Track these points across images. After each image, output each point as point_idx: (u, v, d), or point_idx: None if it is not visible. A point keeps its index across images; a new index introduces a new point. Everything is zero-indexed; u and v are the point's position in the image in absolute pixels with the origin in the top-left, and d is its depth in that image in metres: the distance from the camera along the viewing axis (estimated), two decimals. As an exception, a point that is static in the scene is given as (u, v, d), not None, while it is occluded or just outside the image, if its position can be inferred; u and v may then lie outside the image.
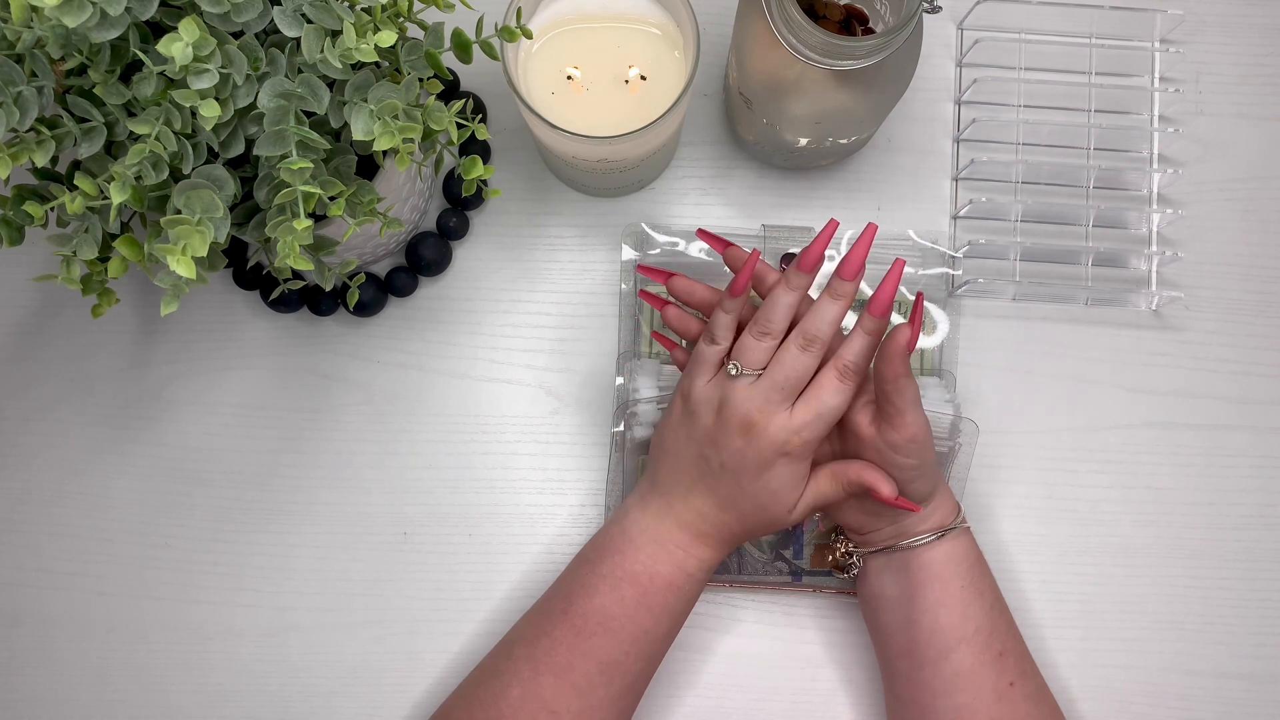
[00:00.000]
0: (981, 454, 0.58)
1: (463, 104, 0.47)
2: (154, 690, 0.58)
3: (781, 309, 0.47)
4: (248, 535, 0.59)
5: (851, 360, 0.47)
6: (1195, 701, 0.58)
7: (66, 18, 0.35)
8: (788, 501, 0.49)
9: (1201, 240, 0.62)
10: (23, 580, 0.59)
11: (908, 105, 0.62)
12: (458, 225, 0.60)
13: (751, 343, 0.47)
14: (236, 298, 0.61)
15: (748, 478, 0.48)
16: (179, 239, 0.39)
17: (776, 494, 0.48)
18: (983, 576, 0.51)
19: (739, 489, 0.48)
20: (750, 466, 0.48)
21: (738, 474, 0.48)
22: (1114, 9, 0.61)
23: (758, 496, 0.48)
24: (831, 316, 0.47)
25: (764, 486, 0.48)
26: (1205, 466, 0.60)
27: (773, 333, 0.47)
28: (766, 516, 0.49)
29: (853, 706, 0.58)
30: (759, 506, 0.49)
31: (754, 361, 0.47)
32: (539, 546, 0.59)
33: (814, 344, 0.47)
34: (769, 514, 0.49)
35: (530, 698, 0.49)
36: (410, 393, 0.60)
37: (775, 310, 0.47)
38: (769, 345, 0.47)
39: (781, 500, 0.48)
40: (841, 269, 0.47)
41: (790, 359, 0.47)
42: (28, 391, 0.60)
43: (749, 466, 0.48)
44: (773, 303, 0.48)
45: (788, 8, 0.46)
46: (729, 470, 0.48)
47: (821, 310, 0.47)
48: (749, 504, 0.49)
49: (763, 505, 0.49)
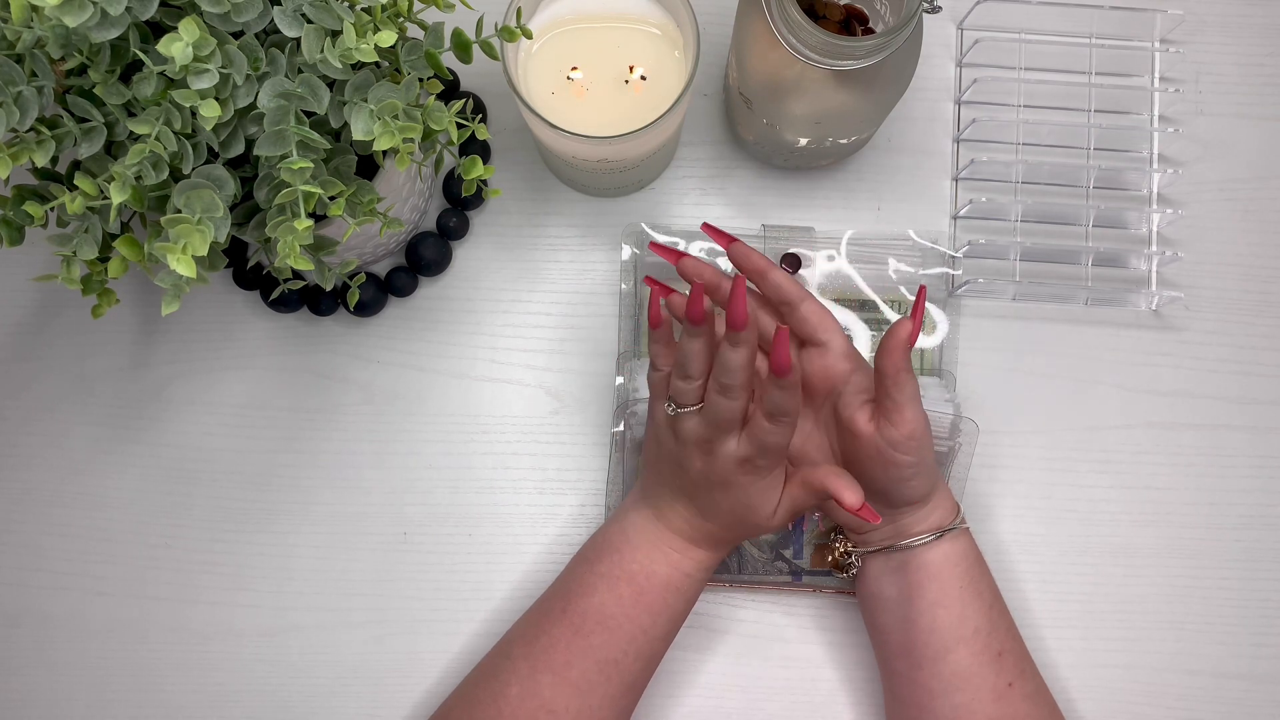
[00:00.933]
0: (981, 454, 0.58)
1: (463, 104, 0.47)
2: (154, 690, 0.58)
3: (692, 356, 0.46)
4: (248, 535, 0.59)
5: (773, 409, 0.45)
6: (1195, 701, 0.58)
7: (67, 17, 0.35)
8: (764, 511, 0.49)
9: (1201, 240, 0.62)
10: (22, 580, 0.59)
11: (908, 105, 0.62)
12: (458, 225, 0.60)
13: (680, 385, 0.47)
14: (236, 298, 0.61)
15: (719, 492, 0.48)
16: (179, 238, 0.39)
17: (750, 506, 0.48)
18: (981, 576, 0.51)
19: (713, 502, 0.49)
20: (716, 483, 0.48)
21: (709, 489, 0.48)
22: (1114, 9, 0.61)
23: (734, 509, 0.49)
24: (737, 364, 0.44)
25: (736, 500, 0.48)
26: (1205, 466, 0.60)
27: (693, 375, 0.46)
28: (749, 524, 0.49)
29: (853, 706, 0.58)
30: (737, 517, 0.49)
31: (686, 401, 0.47)
32: (539, 547, 0.59)
33: (730, 391, 0.45)
34: (749, 522, 0.49)
35: (529, 696, 0.49)
36: (410, 393, 0.60)
37: (687, 359, 0.46)
38: (696, 386, 0.47)
39: (758, 510, 0.49)
40: (730, 322, 0.44)
41: (715, 403, 0.46)
42: (28, 391, 0.60)
43: (715, 483, 0.48)
44: (683, 352, 0.46)
45: (788, 8, 0.46)
46: (700, 485, 0.48)
47: (725, 360, 0.45)
48: (727, 515, 0.49)
49: (740, 516, 0.49)
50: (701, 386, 0.47)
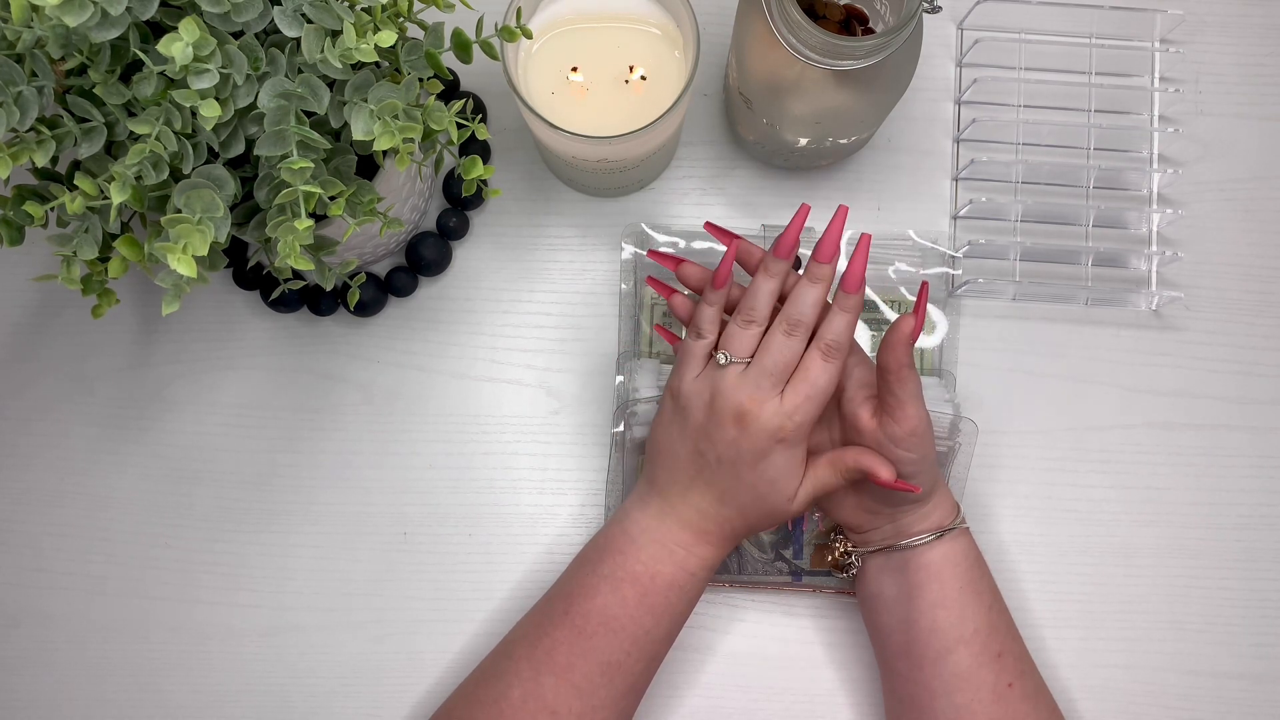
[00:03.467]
0: (981, 454, 0.58)
1: (463, 104, 0.47)
2: (154, 690, 0.58)
3: (763, 295, 0.48)
4: (248, 535, 0.59)
5: (833, 338, 0.47)
6: (1195, 701, 0.58)
7: (67, 17, 0.35)
8: (787, 490, 0.49)
9: (1201, 240, 0.62)
10: (22, 580, 0.59)
11: (908, 105, 0.62)
12: (458, 225, 0.60)
13: (738, 331, 0.48)
14: (236, 298, 0.61)
15: (745, 468, 0.48)
16: (179, 238, 0.39)
17: (775, 483, 0.48)
18: (981, 577, 0.51)
19: (737, 481, 0.48)
20: (746, 456, 0.48)
21: (735, 465, 0.48)
22: (1114, 9, 0.61)
23: (756, 487, 0.48)
24: (813, 299, 0.48)
25: (761, 476, 0.48)
26: (1205, 466, 0.60)
27: (757, 320, 0.48)
28: (767, 507, 0.49)
29: (853, 706, 0.58)
30: (758, 497, 0.49)
31: (742, 349, 0.48)
32: (539, 547, 0.59)
33: (798, 328, 0.47)
34: (769, 504, 0.49)
35: (531, 698, 0.49)
36: (410, 393, 0.60)
37: (758, 297, 0.48)
38: (755, 333, 0.48)
39: (781, 489, 0.49)
40: (817, 252, 0.48)
41: (777, 344, 0.47)
42: (28, 391, 0.60)
43: (745, 457, 0.48)
44: (755, 290, 0.48)
45: (788, 8, 0.46)
46: (725, 463, 0.48)
47: (802, 294, 0.48)
48: (748, 495, 0.49)
49: (762, 495, 0.49)
50: (762, 333, 0.48)
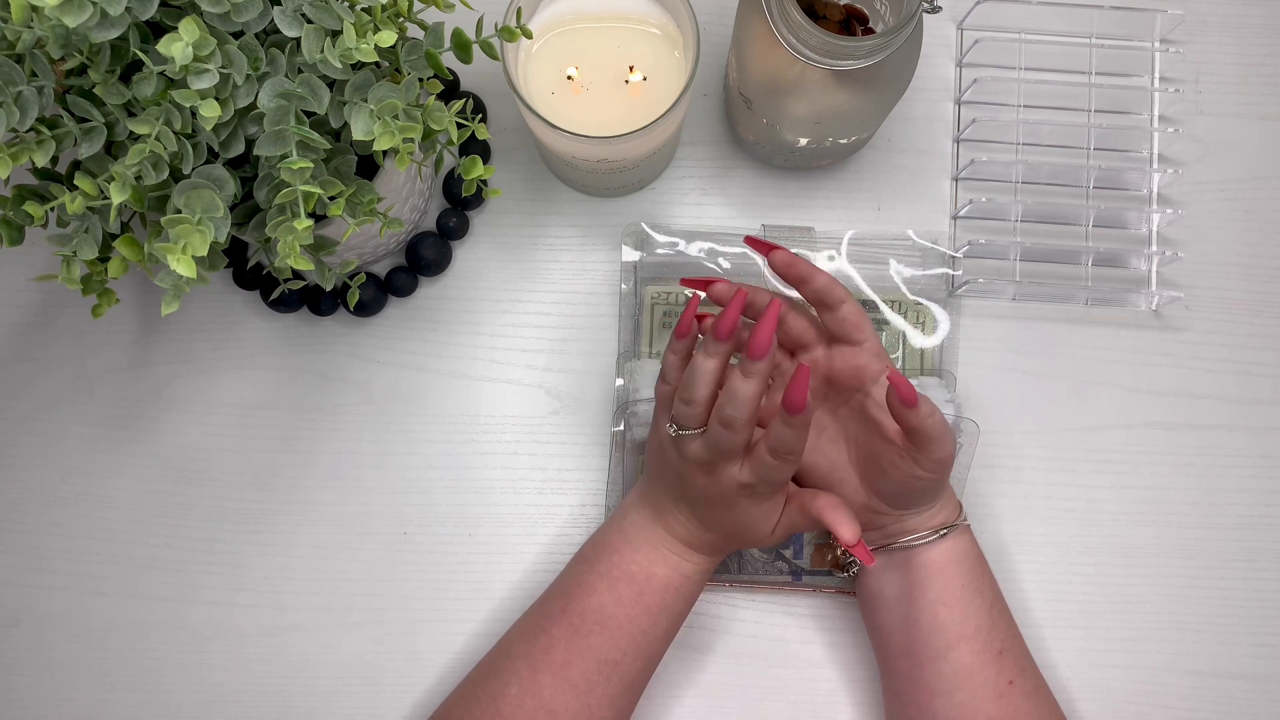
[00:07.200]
0: (981, 454, 0.58)
1: (463, 104, 0.47)
2: (154, 690, 0.58)
3: (700, 377, 0.45)
4: (248, 535, 0.59)
5: (779, 445, 0.44)
6: (1195, 701, 0.58)
7: (67, 18, 0.35)
8: (763, 529, 0.49)
9: (1201, 240, 0.62)
10: (22, 580, 0.59)
11: (908, 105, 0.62)
12: (458, 225, 0.60)
13: (682, 407, 0.46)
14: (236, 298, 0.61)
15: (720, 510, 0.48)
16: (179, 238, 0.39)
17: (749, 524, 0.49)
18: (983, 575, 0.51)
19: (713, 516, 0.49)
20: (717, 501, 0.48)
21: (709, 505, 0.48)
22: (1114, 9, 0.61)
23: (733, 525, 0.49)
24: (745, 396, 0.44)
25: (735, 518, 0.48)
26: (1205, 466, 0.60)
27: (696, 399, 0.46)
28: (749, 537, 0.50)
29: (853, 706, 0.58)
30: (736, 532, 0.49)
31: (689, 424, 0.47)
32: (539, 547, 0.59)
33: (733, 424, 0.44)
34: (749, 536, 0.49)
35: (528, 696, 0.49)
36: (410, 393, 0.60)
37: (694, 379, 0.46)
38: (699, 411, 0.46)
39: (756, 529, 0.49)
40: (750, 348, 0.43)
41: (717, 434, 0.45)
42: (28, 391, 0.60)
43: (716, 501, 0.48)
44: (692, 369, 0.46)
45: (788, 8, 0.46)
46: (700, 501, 0.49)
47: (734, 391, 0.44)
48: (729, 527, 0.49)
49: (739, 532, 0.49)
50: (705, 412, 0.46)
